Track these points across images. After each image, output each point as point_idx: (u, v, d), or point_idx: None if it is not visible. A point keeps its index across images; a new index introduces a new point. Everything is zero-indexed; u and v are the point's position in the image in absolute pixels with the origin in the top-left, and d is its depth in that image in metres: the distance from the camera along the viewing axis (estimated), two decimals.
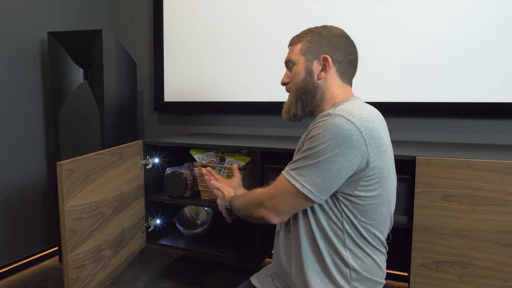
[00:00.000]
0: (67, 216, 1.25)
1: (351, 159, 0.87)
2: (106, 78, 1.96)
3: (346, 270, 0.95)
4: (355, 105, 0.93)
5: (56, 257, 2.25)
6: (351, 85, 1.08)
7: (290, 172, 0.92)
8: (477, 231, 1.23)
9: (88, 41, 1.96)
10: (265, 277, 1.14)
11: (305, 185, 0.89)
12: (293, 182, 0.90)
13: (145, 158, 1.78)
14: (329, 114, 0.89)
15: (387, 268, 1.06)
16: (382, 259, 1.01)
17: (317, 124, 0.90)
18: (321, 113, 0.99)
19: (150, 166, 1.82)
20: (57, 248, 2.27)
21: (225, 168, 1.71)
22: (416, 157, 1.29)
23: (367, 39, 1.91)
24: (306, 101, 1.04)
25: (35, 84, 2.16)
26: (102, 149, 1.72)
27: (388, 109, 1.91)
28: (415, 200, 1.30)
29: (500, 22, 1.68)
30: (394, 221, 1.39)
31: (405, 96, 1.87)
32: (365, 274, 0.96)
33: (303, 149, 0.92)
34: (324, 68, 1.02)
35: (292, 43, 1.08)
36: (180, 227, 1.93)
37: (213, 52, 2.28)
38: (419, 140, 1.90)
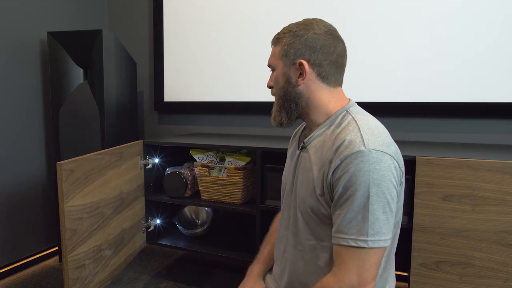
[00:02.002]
0: (67, 216, 1.25)
1: (395, 187, 0.84)
2: (106, 78, 1.96)
3: None
4: (372, 129, 0.86)
5: (56, 257, 2.25)
6: (340, 85, 0.98)
7: (359, 239, 0.81)
8: (477, 231, 1.23)
9: (88, 41, 1.96)
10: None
11: (382, 239, 0.81)
12: (373, 245, 0.80)
13: (145, 158, 1.78)
14: (361, 152, 0.81)
15: None
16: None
17: (354, 167, 0.81)
18: (313, 121, 0.95)
19: (150, 166, 1.82)
20: (57, 248, 2.27)
21: (225, 168, 1.71)
22: (416, 157, 1.29)
23: (368, 37, 1.91)
24: (290, 109, 0.96)
25: (35, 84, 2.16)
26: (102, 149, 1.72)
27: (388, 109, 1.91)
28: (415, 200, 1.30)
29: (500, 22, 1.68)
30: None
31: (405, 96, 1.87)
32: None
33: (345, 200, 0.82)
34: (301, 74, 0.93)
35: (272, 43, 0.99)
36: (180, 227, 1.93)
37: (213, 52, 2.28)
38: (419, 140, 1.90)
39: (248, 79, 2.18)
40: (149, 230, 1.85)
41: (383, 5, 1.87)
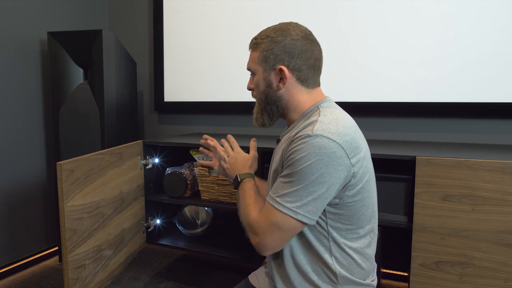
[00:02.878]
0: (67, 216, 1.25)
1: (337, 175, 0.86)
2: (106, 78, 1.96)
3: (333, 278, 0.94)
4: (330, 120, 0.90)
5: (56, 257, 2.25)
6: (318, 85, 1.02)
7: (278, 199, 0.88)
8: (477, 231, 1.23)
9: (88, 41, 1.96)
10: (263, 275, 1.15)
11: (298, 210, 0.86)
12: (284, 210, 0.86)
13: (145, 158, 1.78)
14: (308, 136, 0.86)
15: (387, 268, 1.07)
16: (369, 262, 1.00)
17: (298, 147, 0.87)
18: (290, 119, 1.01)
19: (150, 166, 1.82)
20: (57, 248, 2.27)
21: None
22: (416, 157, 1.29)
23: (367, 38, 1.91)
24: (271, 111, 1.01)
25: (35, 84, 2.16)
26: (102, 149, 1.72)
27: (388, 109, 1.91)
28: (415, 200, 1.30)
29: (500, 22, 1.68)
30: (394, 221, 1.40)
31: (405, 96, 1.87)
32: (352, 277, 0.95)
33: (285, 173, 0.89)
34: (282, 80, 0.97)
35: (251, 48, 1.03)
36: (180, 227, 1.93)
37: (213, 52, 2.28)
38: (419, 140, 1.90)
39: (248, 79, 2.17)
40: (149, 230, 1.85)
41: (382, 6, 1.87)
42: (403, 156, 1.33)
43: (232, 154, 1.19)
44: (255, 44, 1.01)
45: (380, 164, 1.52)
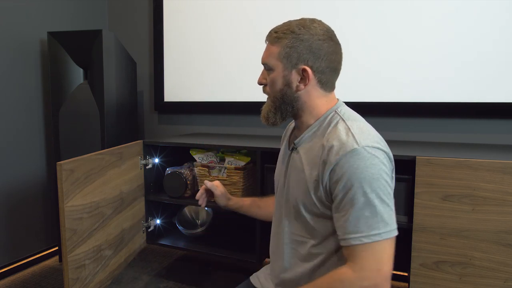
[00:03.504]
0: (67, 216, 1.25)
1: (391, 178, 0.87)
2: (106, 78, 1.96)
3: None
4: (361, 127, 0.89)
5: (56, 257, 2.25)
6: (334, 89, 0.99)
7: (377, 231, 0.81)
8: (477, 231, 1.23)
9: (88, 41, 1.96)
10: (265, 277, 1.14)
11: (395, 226, 0.83)
12: (388, 236, 0.81)
13: (145, 158, 1.78)
14: (356, 150, 0.82)
15: None
16: None
17: (351, 166, 0.82)
18: (304, 122, 0.96)
19: (150, 166, 1.82)
20: (57, 248, 2.27)
21: (225, 168, 1.71)
22: (416, 157, 1.29)
23: (367, 38, 1.91)
24: (286, 111, 0.95)
25: (35, 84, 2.16)
26: (102, 149, 1.72)
27: (388, 109, 1.91)
28: (415, 200, 1.30)
29: (500, 22, 1.68)
30: None
31: (405, 96, 1.87)
32: None
33: (348, 202, 0.82)
34: (303, 80, 0.92)
35: (270, 41, 0.95)
36: (180, 227, 1.93)
37: (213, 52, 2.28)
38: (419, 140, 1.90)
39: (248, 79, 2.18)
40: (149, 230, 1.85)
41: (382, 6, 1.87)
42: (403, 156, 1.33)
43: None
44: (275, 38, 0.92)
45: None
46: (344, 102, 1.02)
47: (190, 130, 2.44)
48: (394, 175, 0.91)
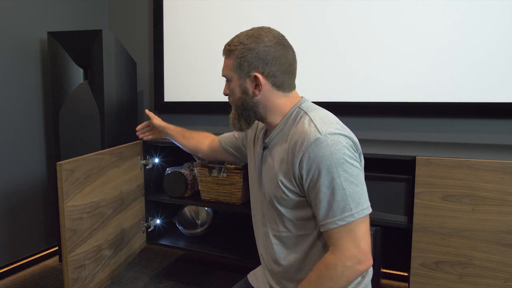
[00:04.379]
0: (67, 216, 1.25)
1: (357, 161, 0.91)
2: (106, 78, 1.96)
3: None
4: (323, 117, 0.94)
5: (56, 257, 2.25)
6: (294, 88, 1.04)
7: (350, 213, 0.86)
8: (477, 231, 1.23)
9: (88, 41, 1.96)
10: (262, 274, 1.15)
11: (364, 207, 0.88)
12: (362, 215, 0.87)
13: (145, 158, 1.78)
14: (319, 138, 0.87)
15: (387, 268, 1.07)
16: None
17: (316, 154, 0.87)
18: (271, 123, 1.01)
19: (150, 166, 1.82)
20: (57, 248, 2.27)
21: (225, 168, 1.71)
22: (416, 157, 1.30)
23: (366, 39, 1.91)
24: (249, 116, 1.02)
25: (35, 84, 2.15)
26: (102, 149, 1.72)
27: (388, 109, 1.91)
28: (415, 200, 1.30)
29: (499, 22, 1.68)
30: (394, 221, 1.40)
31: (405, 96, 1.87)
32: None
33: (319, 189, 0.88)
34: (257, 86, 0.98)
35: (225, 54, 1.03)
36: (180, 227, 1.93)
37: (213, 52, 2.27)
38: (419, 140, 1.90)
39: None
40: (149, 230, 1.85)
41: (382, 7, 1.87)
42: (403, 156, 1.33)
43: None
44: (228, 51, 1.01)
45: (380, 164, 1.53)
46: (344, 102, 1.04)
47: None
48: (362, 158, 0.96)
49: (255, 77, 0.97)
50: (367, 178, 0.92)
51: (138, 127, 1.59)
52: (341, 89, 1.96)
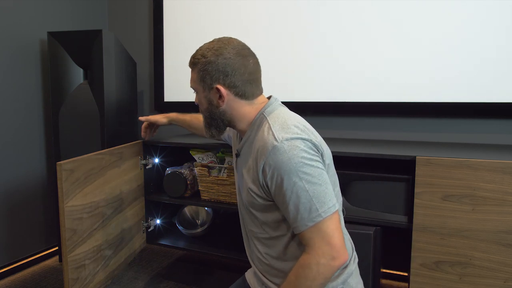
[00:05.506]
0: (67, 216, 1.25)
1: (318, 161, 0.93)
2: (106, 78, 1.96)
3: None
4: (282, 122, 0.96)
5: (56, 257, 2.25)
6: (260, 94, 1.07)
7: (317, 213, 0.89)
8: (477, 231, 1.23)
9: (88, 41, 1.96)
10: (253, 272, 1.18)
11: (333, 201, 0.91)
12: (329, 214, 0.90)
13: (145, 158, 1.78)
14: (276, 146, 0.90)
15: (387, 268, 1.07)
16: None
17: (275, 162, 0.90)
18: (241, 130, 1.06)
19: (150, 166, 1.82)
20: (57, 248, 2.27)
21: (225, 168, 1.71)
22: (416, 157, 1.29)
23: (366, 39, 1.91)
24: (217, 125, 1.07)
25: (35, 84, 2.16)
26: (102, 149, 1.72)
27: (388, 109, 1.91)
28: (415, 200, 1.30)
29: (499, 22, 1.68)
30: (394, 221, 1.40)
31: (405, 96, 1.87)
32: None
33: (284, 195, 0.91)
34: (220, 97, 1.02)
35: (190, 67, 1.08)
36: (180, 227, 1.93)
37: None
38: (419, 140, 1.90)
39: None
40: (149, 230, 1.85)
41: (383, 6, 1.87)
42: (403, 156, 1.33)
43: None
44: (192, 63, 1.05)
45: (380, 164, 1.53)
46: (345, 102, 1.05)
47: None
48: (325, 159, 0.98)
49: (217, 89, 1.01)
50: (367, 178, 0.93)
51: (143, 134, 1.70)
52: (341, 89, 1.96)
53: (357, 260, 1.07)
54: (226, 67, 1.00)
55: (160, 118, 1.64)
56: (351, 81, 1.96)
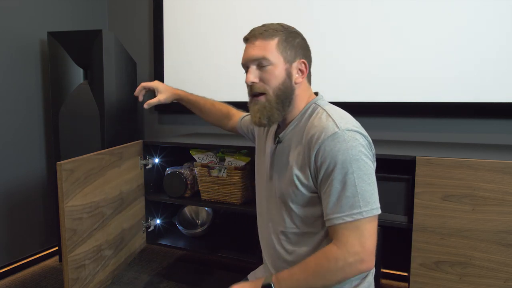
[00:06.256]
0: (67, 216, 1.25)
1: (371, 161, 0.91)
2: (106, 78, 1.96)
3: None
4: (342, 114, 0.94)
5: (56, 257, 2.25)
6: None
7: (359, 210, 0.85)
8: (477, 231, 1.23)
9: (88, 41, 1.96)
10: (262, 275, 1.14)
11: (377, 204, 0.88)
12: (370, 214, 0.86)
13: (145, 158, 1.78)
14: (337, 133, 0.87)
15: (387, 268, 1.07)
16: None
17: (332, 148, 0.86)
18: (288, 118, 1.00)
19: (150, 166, 1.82)
20: (57, 248, 2.27)
21: (225, 168, 1.71)
22: (416, 157, 1.29)
23: (368, 39, 1.91)
24: (285, 106, 0.97)
25: (35, 84, 2.16)
26: (102, 149, 1.72)
27: (388, 109, 1.91)
28: (415, 200, 1.30)
29: (499, 22, 1.68)
30: (394, 221, 1.40)
31: (405, 96, 1.87)
32: None
33: (338, 180, 0.86)
34: (301, 73, 0.98)
35: (262, 37, 0.96)
36: (180, 227, 1.93)
37: (213, 52, 2.28)
38: (419, 140, 1.90)
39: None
40: (149, 230, 1.85)
41: (387, 6, 1.87)
42: (403, 156, 1.33)
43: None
44: (270, 34, 0.95)
45: (380, 164, 1.52)
46: (345, 102, 1.05)
47: (190, 130, 2.44)
48: (375, 159, 0.97)
49: (303, 63, 0.99)
50: None
51: (136, 92, 1.45)
52: (341, 89, 1.96)
53: (374, 273, 1.04)
54: (306, 45, 1.00)
55: (164, 96, 1.45)
56: (351, 81, 1.96)
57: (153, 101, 1.42)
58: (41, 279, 1.98)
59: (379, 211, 0.88)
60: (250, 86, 0.99)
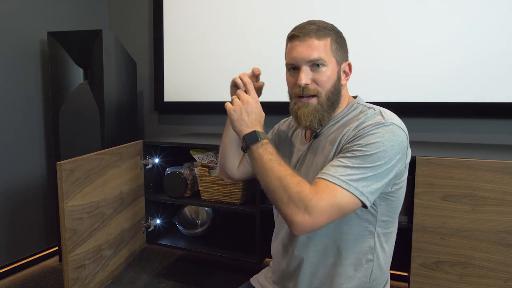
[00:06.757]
0: (67, 216, 1.25)
1: (400, 164, 0.86)
2: (106, 78, 1.96)
3: (368, 275, 0.94)
4: (390, 112, 0.91)
5: (56, 257, 2.25)
6: None
7: (346, 180, 0.80)
8: (477, 231, 1.23)
9: (88, 41, 1.96)
10: (265, 279, 1.13)
11: (365, 193, 0.81)
12: (352, 191, 0.79)
13: (145, 158, 1.78)
14: (382, 123, 0.84)
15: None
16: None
17: (373, 132, 0.83)
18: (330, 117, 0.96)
19: (150, 166, 1.82)
20: (57, 248, 2.27)
21: None
22: (416, 157, 1.29)
23: (368, 39, 1.91)
24: (334, 108, 0.95)
25: (35, 84, 2.15)
26: (102, 149, 1.72)
27: (388, 109, 1.91)
28: (415, 200, 1.30)
29: (500, 22, 1.68)
30: None
31: (406, 96, 1.87)
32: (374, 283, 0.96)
33: (352, 154, 0.82)
34: (346, 74, 0.98)
35: (316, 36, 0.90)
36: (180, 227, 1.93)
37: (213, 52, 2.28)
38: (419, 140, 1.90)
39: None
40: (149, 230, 1.85)
41: (388, 6, 1.87)
42: None
43: (246, 98, 0.96)
44: (322, 34, 0.91)
45: None
46: None
47: (190, 130, 2.44)
48: (406, 167, 0.90)
49: (349, 64, 0.99)
50: None
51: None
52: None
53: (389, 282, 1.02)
54: (347, 46, 0.99)
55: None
56: (350, 81, 1.95)
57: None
58: (41, 279, 1.98)
59: (360, 204, 0.82)
60: (302, 88, 0.92)
